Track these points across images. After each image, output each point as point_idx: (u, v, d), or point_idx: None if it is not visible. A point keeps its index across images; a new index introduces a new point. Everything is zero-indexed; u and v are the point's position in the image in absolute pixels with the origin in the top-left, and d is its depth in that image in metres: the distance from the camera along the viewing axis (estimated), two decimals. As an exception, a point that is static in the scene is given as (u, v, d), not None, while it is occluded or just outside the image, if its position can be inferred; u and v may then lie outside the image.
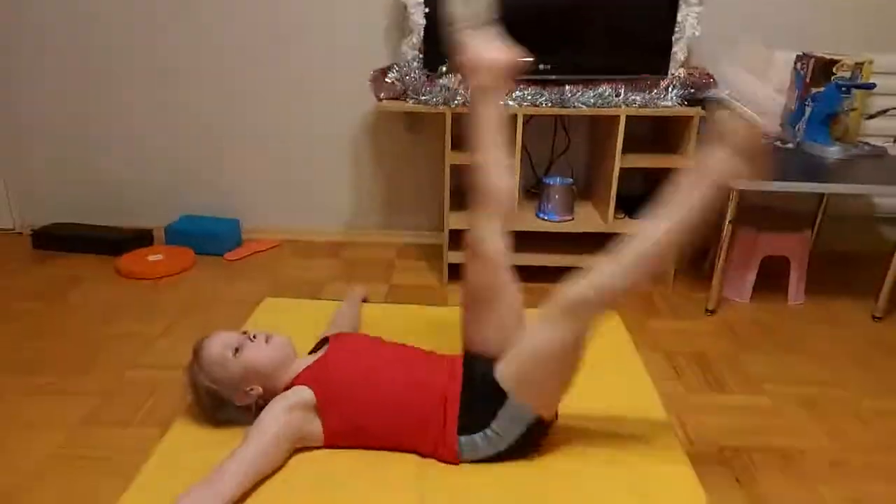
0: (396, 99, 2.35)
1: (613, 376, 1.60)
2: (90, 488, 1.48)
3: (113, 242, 2.75)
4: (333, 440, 1.29)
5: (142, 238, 2.82)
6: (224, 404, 1.32)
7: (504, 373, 1.24)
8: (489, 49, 1.32)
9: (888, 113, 2.47)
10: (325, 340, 1.47)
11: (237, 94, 2.77)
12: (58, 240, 2.80)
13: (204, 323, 2.22)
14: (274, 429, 1.21)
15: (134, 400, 1.80)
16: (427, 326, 1.75)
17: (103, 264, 2.66)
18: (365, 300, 1.95)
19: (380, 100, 2.34)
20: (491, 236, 1.31)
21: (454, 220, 2.47)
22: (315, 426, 1.27)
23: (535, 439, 1.28)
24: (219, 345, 1.31)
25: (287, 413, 1.24)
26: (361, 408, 1.27)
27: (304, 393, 1.27)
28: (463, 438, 1.25)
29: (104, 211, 2.95)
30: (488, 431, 1.24)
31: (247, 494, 1.16)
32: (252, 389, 1.30)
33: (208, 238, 2.77)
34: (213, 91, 2.77)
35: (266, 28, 2.66)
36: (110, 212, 2.95)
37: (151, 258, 2.65)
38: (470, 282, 1.36)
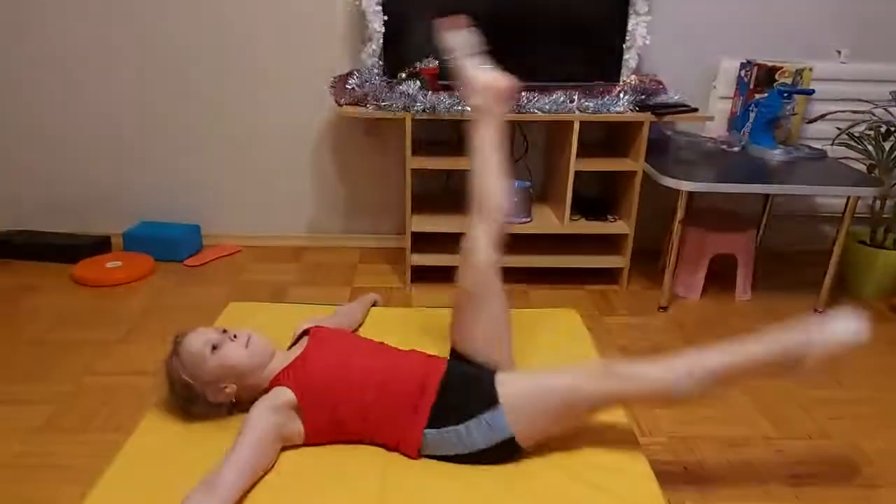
0: (357, 104, 2.38)
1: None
2: (49, 497, 1.47)
3: (69, 249, 2.71)
4: (313, 437, 1.30)
5: (99, 245, 2.79)
6: (197, 399, 1.33)
7: (507, 383, 1.28)
8: (487, 75, 1.49)
9: (827, 117, 2.60)
10: (304, 333, 1.49)
11: (197, 98, 2.76)
12: (12, 247, 2.74)
13: (163, 329, 2.21)
14: (262, 431, 1.22)
15: (91, 407, 1.79)
16: (415, 327, 1.76)
17: (59, 272, 2.62)
18: (375, 304, 1.96)
19: (340, 105, 2.37)
20: (483, 247, 1.39)
21: (416, 224, 2.51)
22: (296, 425, 1.29)
23: (501, 457, 1.28)
24: (199, 340, 1.31)
25: (272, 415, 1.25)
26: (340, 402, 1.29)
27: (285, 394, 1.28)
28: (431, 431, 1.28)
29: (60, 218, 2.91)
30: (462, 428, 1.26)
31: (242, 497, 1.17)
32: (226, 387, 1.32)
33: (168, 244, 2.75)
34: (172, 95, 2.75)
35: (226, 33, 2.66)
36: (66, 218, 2.90)
37: (109, 265, 2.62)
38: (460, 287, 1.44)
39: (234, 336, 1.34)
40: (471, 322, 1.41)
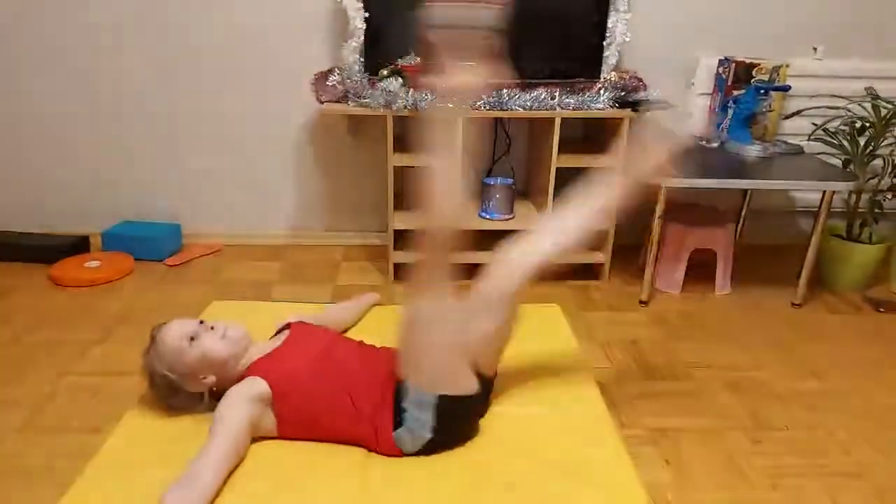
0: (338, 102, 2.37)
1: (552, 364, 1.66)
2: (28, 498, 1.45)
3: (47, 250, 2.67)
4: (286, 431, 1.31)
5: (78, 245, 2.75)
6: (177, 391, 1.33)
7: (398, 363, 1.31)
8: (465, 71, 1.30)
9: (803, 113, 2.63)
10: (286, 326, 1.49)
11: (176, 96, 2.73)
12: (-13, 248, 2.70)
13: (143, 330, 2.17)
14: (235, 420, 1.23)
15: (70, 407, 1.77)
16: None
17: (37, 272, 2.58)
18: (378, 304, 1.94)
19: (321, 102, 2.36)
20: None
21: (398, 221, 2.51)
22: (269, 417, 1.29)
23: (458, 419, 1.30)
24: (176, 332, 1.32)
25: (245, 404, 1.26)
26: (313, 398, 1.29)
27: (259, 384, 1.29)
28: (396, 432, 1.29)
29: (37, 217, 2.87)
30: (407, 421, 1.28)
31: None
32: (206, 378, 1.32)
33: (147, 243, 2.72)
34: (152, 93, 2.72)
35: (207, 31, 2.64)
36: (44, 218, 2.87)
37: (88, 265, 2.59)
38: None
39: (212, 327, 1.35)
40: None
